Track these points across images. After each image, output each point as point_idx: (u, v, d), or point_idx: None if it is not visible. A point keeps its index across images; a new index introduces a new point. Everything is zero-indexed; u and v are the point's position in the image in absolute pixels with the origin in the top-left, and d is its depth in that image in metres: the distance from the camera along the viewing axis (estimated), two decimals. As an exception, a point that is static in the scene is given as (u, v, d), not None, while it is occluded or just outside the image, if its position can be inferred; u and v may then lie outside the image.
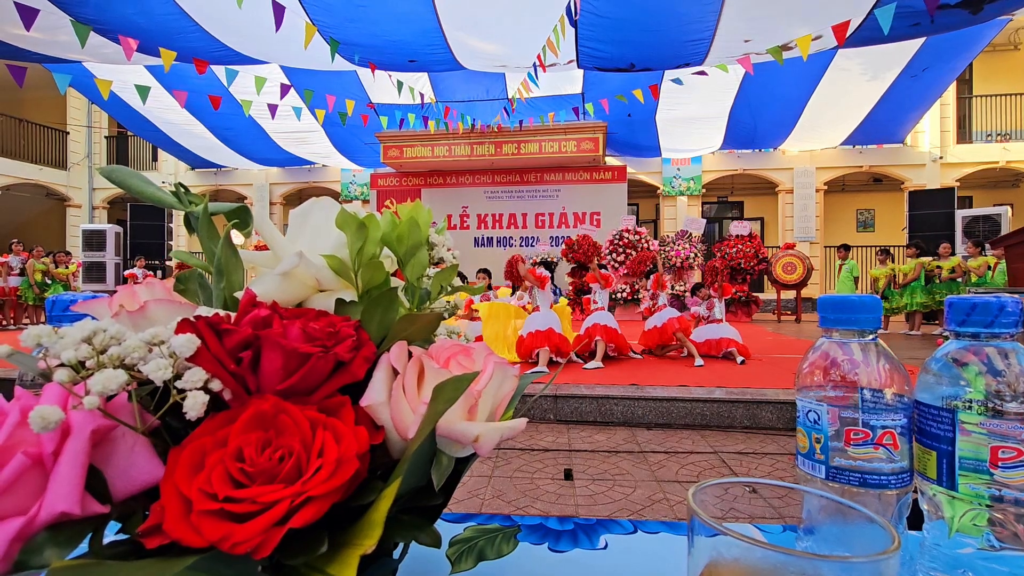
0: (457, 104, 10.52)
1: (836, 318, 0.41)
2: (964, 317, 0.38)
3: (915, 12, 5.47)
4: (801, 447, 0.43)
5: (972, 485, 0.37)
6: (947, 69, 9.94)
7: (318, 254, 0.30)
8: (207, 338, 0.26)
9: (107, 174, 0.35)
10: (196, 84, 8.92)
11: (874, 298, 0.40)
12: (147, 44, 6.64)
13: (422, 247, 0.35)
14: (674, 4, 5.83)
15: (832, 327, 0.42)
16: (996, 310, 0.37)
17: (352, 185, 15.35)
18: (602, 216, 12.42)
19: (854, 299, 0.40)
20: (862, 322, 0.40)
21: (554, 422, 3.89)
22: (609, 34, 6.32)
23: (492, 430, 0.31)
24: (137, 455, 0.27)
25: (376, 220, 0.32)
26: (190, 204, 0.34)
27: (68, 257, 10.00)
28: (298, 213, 0.34)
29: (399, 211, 0.36)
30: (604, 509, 2.43)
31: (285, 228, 1.89)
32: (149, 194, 0.34)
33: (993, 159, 13.06)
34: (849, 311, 0.40)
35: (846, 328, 0.41)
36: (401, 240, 0.34)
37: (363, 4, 6.27)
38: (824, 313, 0.42)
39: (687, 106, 11.17)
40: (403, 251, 0.34)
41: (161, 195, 0.35)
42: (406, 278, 0.35)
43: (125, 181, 0.34)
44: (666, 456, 3.15)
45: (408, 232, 0.34)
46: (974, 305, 0.37)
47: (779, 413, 3.68)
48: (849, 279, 9.36)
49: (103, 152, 16.85)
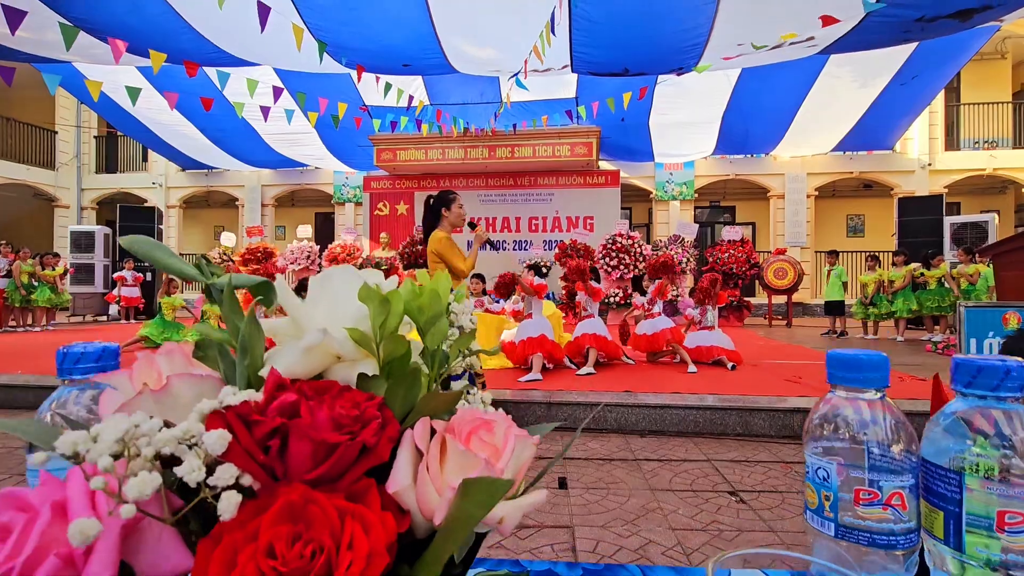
0: (452, 107, 10.52)
1: (844, 376, 0.42)
2: (970, 379, 0.39)
3: (905, 21, 5.55)
4: (810, 502, 0.44)
5: (979, 548, 0.38)
6: (936, 77, 10.07)
7: (340, 326, 0.30)
8: (238, 432, 0.26)
9: (129, 245, 0.35)
10: (187, 86, 8.85)
11: (882, 357, 0.41)
12: (137, 45, 6.58)
13: (442, 316, 0.35)
14: (668, 12, 5.87)
15: (840, 384, 0.42)
16: (1002, 374, 0.38)
17: (345, 187, 15.30)
18: (595, 220, 12.45)
19: (863, 358, 0.41)
20: (870, 381, 0.41)
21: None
22: (603, 39, 6.34)
23: (515, 509, 0.31)
24: (165, 545, 0.27)
25: (399, 294, 0.32)
26: (212, 276, 0.34)
27: (56, 259, 9.88)
28: (318, 279, 0.34)
29: (419, 277, 0.36)
30: (599, 519, 2.44)
31: (277, 230, 1.88)
32: (173, 266, 0.34)
33: (980, 166, 13.25)
34: (857, 370, 0.41)
35: (854, 387, 0.41)
36: (422, 311, 0.34)
37: (357, 8, 6.25)
38: (832, 369, 0.43)
39: (680, 111, 11.25)
40: (424, 321, 0.34)
41: (184, 267, 0.35)
42: (425, 345, 0.35)
43: (149, 253, 0.34)
44: (660, 464, 3.17)
45: (429, 303, 0.34)
46: (980, 368, 0.38)
47: (771, 420, 3.70)
48: (838, 283, 9.45)
49: (92, 152, 16.68)
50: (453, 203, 3.54)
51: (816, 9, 4.84)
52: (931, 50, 8.89)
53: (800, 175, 13.84)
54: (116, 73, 8.89)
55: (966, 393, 0.40)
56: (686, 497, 2.67)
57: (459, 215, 3.55)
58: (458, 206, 3.54)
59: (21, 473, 2.91)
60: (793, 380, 4.73)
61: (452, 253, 3.43)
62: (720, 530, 2.33)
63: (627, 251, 10.82)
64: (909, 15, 5.17)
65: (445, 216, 3.53)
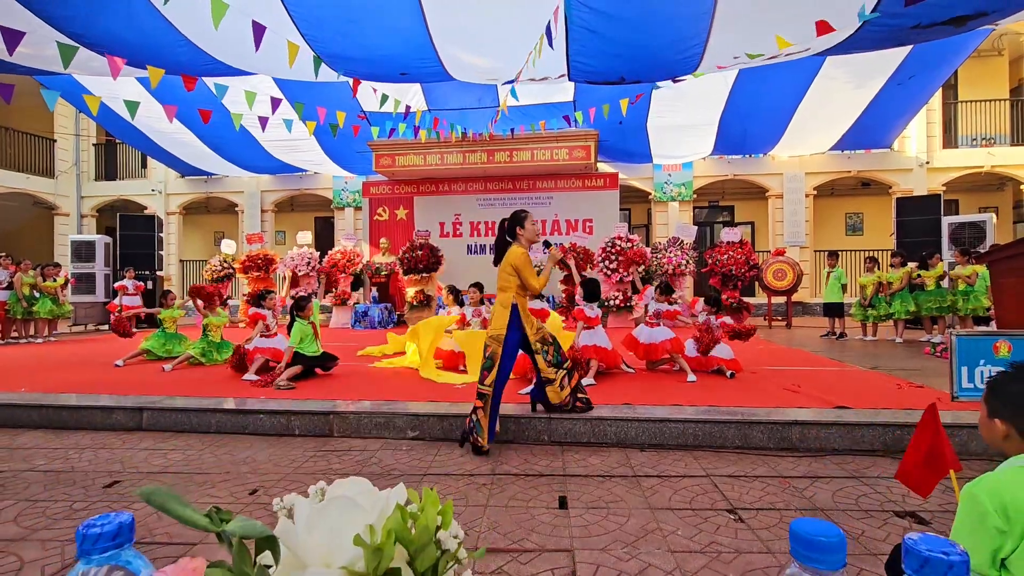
0: (450, 113, 10.54)
1: (807, 556, 0.44)
2: (917, 567, 0.41)
3: (900, 29, 5.56)
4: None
5: None
6: (933, 76, 10.08)
7: (336, 564, 0.33)
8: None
9: (146, 497, 0.37)
10: (186, 97, 8.86)
11: (841, 540, 0.43)
12: (135, 59, 6.60)
13: (431, 544, 0.38)
14: (666, 20, 5.87)
15: (802, 561, 0.45)
16: (945, 568, 0.40)
17: (344, 192, 15.32)
18: (595, 223, 12.48)
19: (823, 542, 0.43)
20: (829, 563, 0.43)
21: (548, 443, 3.93)
22: (600, 49, 6.36)
23: None
24: None
25: (391, 544, 0.35)
26: (222, 523, 0.36)
27: (56, 270, 9.90)
28: (317, 510, 0.37)
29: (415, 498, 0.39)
30: (598, 541, 2.46)
31: (277, 235, 1.99)
32: (188, 517, 0.37)
33: (978, 163, 13.26)
34: (819, 551, 0.43)
35: (815, 567, 0.44)
36: (413, 542, 0.37)
37: (355, 19, 6.27)
38: (796, 545, 0.45)
39: (678, 113, 11.26)
40: (413, 549, 0.37)
41: (198, 518, 0.37)
42: (414, 569, 0.38)
43: (164, 505, 0.36)
44: (659, 481, 3.19)
45: (420, 535, 0.37)
46: (926, 560, 0.41)
47: (770, 433, 3.73)
48: (837, 286, 9.47)
49: (91, 160, 16.70)
50: (526, 220, 3.78)
51: (812, 18, 4.85)
52: (927, 51, 8.90)
53: (798, 174, 13.86)
54: (115, 85, 8.91)
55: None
56: (685, 516, 2.70)
57: (533, 231, 3.80)
58: (531, 223, 3.79)
59: (27, 499, 2.94)
60: (792, 389, 4.76)
61: (529, 271, 3.67)
62: (719, 551, 2.35)
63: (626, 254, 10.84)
64: (904, 23, 5.19)
65: (520, 233, 3.76)
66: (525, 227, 3.75)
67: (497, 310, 3.73)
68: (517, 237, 3.75)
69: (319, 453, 3.74)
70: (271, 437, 4.14)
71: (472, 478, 3.24)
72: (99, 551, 0.40)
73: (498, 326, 3.68)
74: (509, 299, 3.69)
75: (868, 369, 5.98)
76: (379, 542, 0.33)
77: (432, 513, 0.38)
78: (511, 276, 3.66)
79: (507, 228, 3.80)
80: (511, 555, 2.33)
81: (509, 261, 3.67)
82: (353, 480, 0.38)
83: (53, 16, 5.89)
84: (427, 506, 0.38)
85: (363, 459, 3.62)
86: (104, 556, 0.40)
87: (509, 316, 3.67)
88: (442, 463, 3.51)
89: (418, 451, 3.77)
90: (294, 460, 3.59)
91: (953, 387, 3.70)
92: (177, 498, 0.37)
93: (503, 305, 3.70)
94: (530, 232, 3.77)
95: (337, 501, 0.35)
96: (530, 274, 3.66)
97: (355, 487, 0.37)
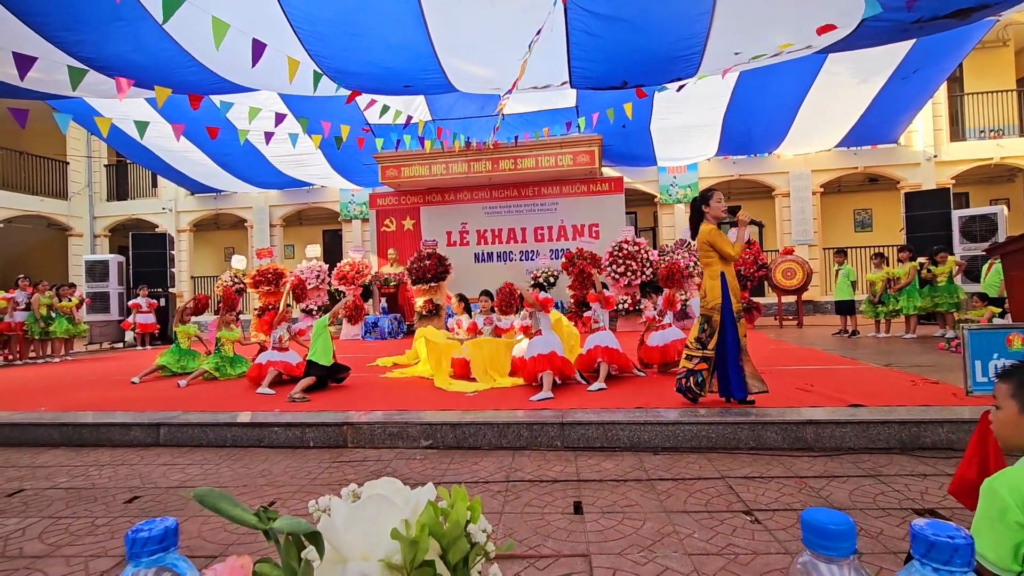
0: (453, 122, 10.62)
1: (818, 543, 0.46)
2: (924, 551, 0.43)
3: (902, 23, 5.56)
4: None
5: None
6: (938, 70, 10.03)
7: (374, 557, 0.35)
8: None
9: (200, 498, 0.40)
10: (193, 115, 9.01)
11: (851, 527, 0.45)
12: (143, 80, 6.73)
13: (462, 537, 0.40)
14: (666, 20, 5.91)
15: (814, 549, 0.47)
16: (951, 551, 0.42)
17: (351, 204, 15.45)
18: (601, 227, 12.49)
19: (832, 530, 0.45)
20: (840, 550, 0.45)
21: (561, 449, 3.93)
22: (600, 53, 6.40)
23: None
24: None
25: (426, 537, 0.37)
26: (269, 521, 0.39)
27: (72, 290, 10.07)
28: (354, 508, 0.39)
29: (445, 495, 0.42)
30: (615, 545, 2.47)
31: (286, 249, 2.07)
32: (238, 516, 0.39)
33: (987, 155, 13.14)
34: (829, 539, 0.45)
35: (825, 554, 0.46)
36: (445, 535, 0.39)
37: (358, 34, 6.36)
38: (807, 533, 0.47)
39: (681, 115, 11.27)
40: (446, 542, 0.39)
41: (248, 517, 0.40)
42: (446, 562, 0.40)
43: (216, 505, 0.39)
44: (673, 483, 3.18)
45: (451, 529, 0.39)
46: (932, 544, 0.42)
47: (783, 433, 3.71)
48: (846, 283, 9.41)
49: (103, 181, 16.98)
50: (712, 199, 4.07)
51: (812, 19, 4.87)
52: (931, 45, 8.86)
53: (804, 172, 13.80)
54: (125, 106, 9.08)
55: (923, 563, 0.44)
56: (701, 519, 2.69)
57: (719, 208, 4.06)
58: (716, 201, 4.07)
59: (50, 516, 2.98)
60: (804, 388, 4.73)
61: (722, 241, 3.93)
62: (736, 554, 2.35)
63: (633, 257, 10.84)
64: (906, 18, 5.19)
65: (707, 211, 4.04)
66: (711, 204, 4.02)
67: (708, 283, 3.98)
68: (704, 215, 4.03)
69: (334, 464, 3.77)
70: (286, 449, 4.18)
71: (486, 485, 3.25)
72: (147, 554, 0.42)
73: (713, 297, 3.94)
74: (717, 271, 3.94)
75: (882, 366, 5.93)
76: (414, 535, 0.36)
77: (462, 508, 0.40)
78: (708, 251, 3.94)
79: (695, 207, 4.10)
80: (528, 561, 2.34)
81: (701, 239, 3.98)
82: (385, 480, 0.40)
83: (65, 41, 6.03)
84: (456, 502, 0.40)
85: (378, 469, 3.65)
86: (152, 559, 0.42)
87: (720, 286, 3.93)
88: (456, 471, 3.52)
89: (432, 460, 3.79)
90: (310, 472, 3.62)
91: (967, 381, 3.66)
92: (229, 499, 0.40)
93: (712, 277, 3.95)
94: (715, 209, 4.03)
95: (373, 499, 0.38)
96: (724, 243, 3.91)
97: (388, 486, 0.39)
